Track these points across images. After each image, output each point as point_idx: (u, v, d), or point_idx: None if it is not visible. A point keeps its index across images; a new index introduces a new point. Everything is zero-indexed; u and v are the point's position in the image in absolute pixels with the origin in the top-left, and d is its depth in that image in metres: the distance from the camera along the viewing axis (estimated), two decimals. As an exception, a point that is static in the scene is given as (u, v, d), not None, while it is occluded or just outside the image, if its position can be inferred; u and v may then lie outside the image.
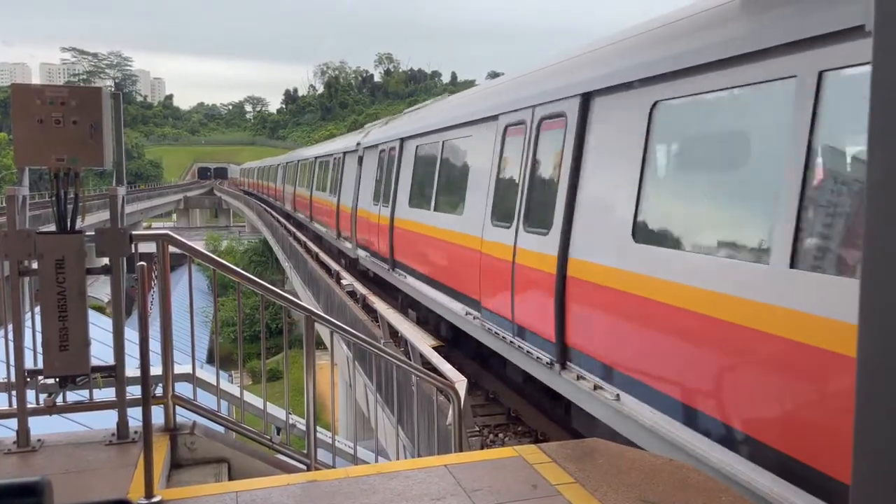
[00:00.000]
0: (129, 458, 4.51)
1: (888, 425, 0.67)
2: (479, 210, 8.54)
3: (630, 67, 5.66)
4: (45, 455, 4.55)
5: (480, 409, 9.66)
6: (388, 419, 8.11)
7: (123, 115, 5.20)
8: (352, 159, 17.45)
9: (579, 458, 4.37)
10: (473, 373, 10.14)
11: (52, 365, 4.60)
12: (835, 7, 3.71)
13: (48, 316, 4.55)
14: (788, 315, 3.81)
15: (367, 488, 3.95)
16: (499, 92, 9.01)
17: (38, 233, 4.59)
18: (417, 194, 11.52)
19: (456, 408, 6.02)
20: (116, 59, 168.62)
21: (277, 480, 4.21)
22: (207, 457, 4.97)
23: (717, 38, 4.65)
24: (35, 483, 1.24)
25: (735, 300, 4.22)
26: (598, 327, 5.91)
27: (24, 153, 4.62)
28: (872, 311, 0.69)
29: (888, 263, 0.66)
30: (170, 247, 5.05)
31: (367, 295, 13.66)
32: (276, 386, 23.88)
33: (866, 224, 0.71)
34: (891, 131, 0.68)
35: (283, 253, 32.04)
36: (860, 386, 0.71)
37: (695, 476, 4.08)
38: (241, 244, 60.32)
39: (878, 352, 0.67)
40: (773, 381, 3.94)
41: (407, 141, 12.56)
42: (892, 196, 0.66)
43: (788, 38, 3.98)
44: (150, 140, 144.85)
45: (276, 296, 5.43)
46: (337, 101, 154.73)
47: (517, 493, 3.90)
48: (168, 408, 4.94)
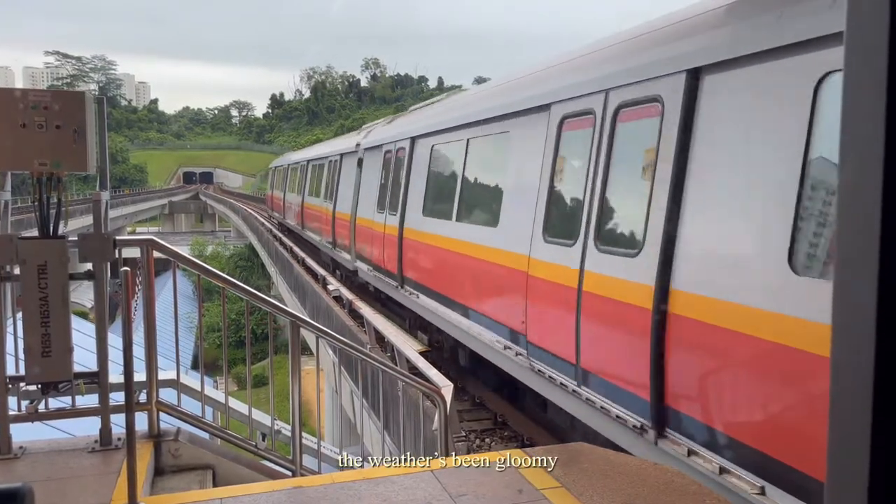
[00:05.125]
0: (112, 465, 4.47)
1: (861, 425, 0.68)
2: (522, 222, 7.04)
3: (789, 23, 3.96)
4: (27, 462, 4.50)
5: (467, 414, 9.66)
6: (375, 424, 8.09)
7: (108, 119, 5.17)
8: (350, 162, 16.24)
9: (565, 462, 4.38)
10: (460, 378, 10.14)
11: (34, 371, 4.56)
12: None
13: (30, 322, 4.51)
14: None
15: (352, 494, 3.94)
16: (548, 77, 7.28)
17: (21, 238, 4.56)
18: (434, 202, 10.01)
19: (442, 413, 6.02)
20: (101, 63, 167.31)
21: (263, 487, 4.19)
22: (192, 463, 4.93)
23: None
24: (17, 490, 1.24)
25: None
26: (718, 387, 4.39)
27: (7, 157, 4.58)
28: (845, 312, 0.71)
29: (859, 265, 0.68)
30: (154, 252, 5.03)
31: (354, 300, 13.64)
32: (261, 392, 23.74)
33: (838, 226, 0.73)
34: (862, 134, 0.70)
35: (269, 258, 31.95)
36: (834, 385, 0.73)
37: (679, 479, 4.11)
38: (227, 249, 60.02)
39: (851, 351, 0.69)
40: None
41: (419, 140, 11.04)
42: (861, 199, 0.68)
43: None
44: (135, 144, 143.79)
45: (262, 301, 5.41)
46: (324, 106, 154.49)
47: (503, 497, 3.91)
48: (152, 414, 4.90)
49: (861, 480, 0.67)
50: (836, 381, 0.72)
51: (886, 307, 0.67)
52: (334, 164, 18.08)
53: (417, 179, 10.90)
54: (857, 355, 0.68)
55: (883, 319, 0.67)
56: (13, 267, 4.60)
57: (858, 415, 0.68)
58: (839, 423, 0.71)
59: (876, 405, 0.67)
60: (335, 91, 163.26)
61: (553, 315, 6.37)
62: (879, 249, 0.67)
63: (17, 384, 4.67)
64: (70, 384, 4.68)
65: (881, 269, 0.67)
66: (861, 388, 0.67)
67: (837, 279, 0.73)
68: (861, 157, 0.70)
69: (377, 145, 13.67)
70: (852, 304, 0.70)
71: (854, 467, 0.68)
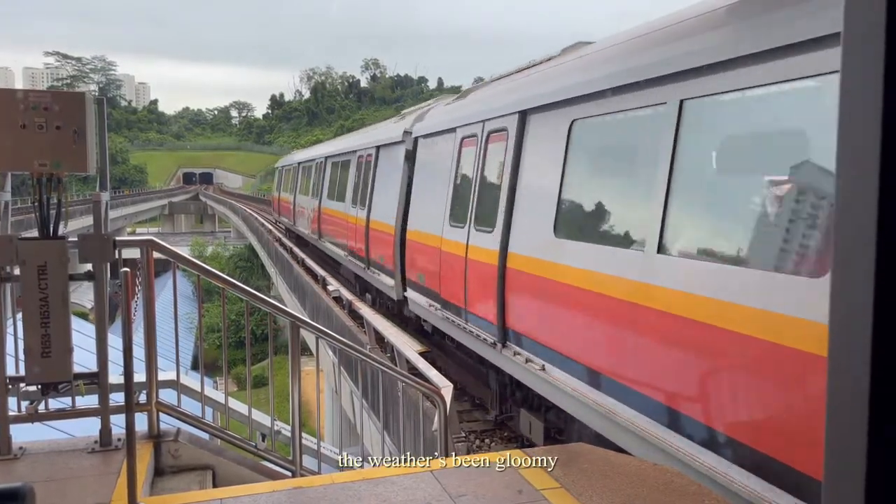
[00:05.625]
0: (112, 465, 4.48)
1: (858, 423, 0.69)
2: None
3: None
4: (27, 463, 4.50)
5: (466, 415, 9.67)
6: (374, 425, 8.09)
7: (108, 120, 5.18)
8: (391, 156, 12.67)
9: (564, 462, 4.39)
10: (459, 378, 10.15)
11: (34, 372, 4.56)
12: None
13: (30, 322, 4.51)
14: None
15: (352, 494, 3.95)
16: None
17: (21, 238, 4.56)
18: (585, 217, 6.22)
19: (442, 413, 6.03)
20: (100, 64, 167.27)
21: (262, 487, 4.19)
22: (192, 464, 4.94)
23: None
24: (17, 489, 1.24)
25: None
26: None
27: (7, 158, 4.58)
28: (841, 312, 0.71)
29: (856, 267, 0.69)
30: (154, 252, 5.03)
31: (353, 301, 13.64)
32: (261, 392, 23.74)
33: (837, 229, 0.73)
34: (859, 139, 0.70)
35: (269, 258, 31.95)
36: (831, 384, 0.73)
37: (679, 480, 4.11)
38: (227, 250, 60.05)
39: (848, 351, 0.70)
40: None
41: (536, 116, 7.19)
42: (860, 203, 0.69)
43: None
44: (135, 145, 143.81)
45: (262, 301, 5.42)
46: (323, 107, 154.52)
47: (503, 498, 3.91)
48: (152, 414, 4.90)
49: (858, 482, 0.67)
50: (833, 381, 0.72)
51: (883, 307, 0.67)
52: (367, 160, 14.38)
53: (540, 179, 7.01)
54: (854, 355, 0.69)
55: (879, 320, 0.67)
56: (13, 267, 4.60)
57: (857, 414, 0.68)
58: (836, 424, 0.72)
59: (872, 404, 0.67)
60: (335, 92, 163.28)
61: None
62: (876, 251, 0.67)
63: (17, 385, 4.68)
64: (70, 385, 4.68)
65: (877, 269, 0.67)
66: (858, 388, 0.68)
67: (835, 279, 0.73)
68: (857, 160, 0.70)
69: (444, 130, 10.04)
70: (849, 305, 0.71)
71: (851, 467, 0.68)
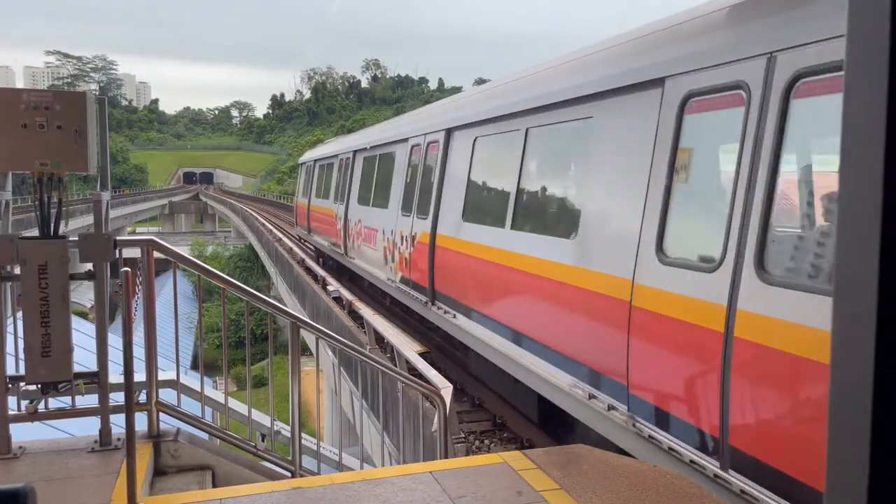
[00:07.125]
0: (111, 465, 4.48)
1: (861, 432, 0.69)
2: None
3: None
4: (26, 462, 4.50)
5: (466, 416, 9.65)
6: (374, 426, 8.09)
7: (108, 120, 5.18)
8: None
9: (564, 464, 4.38)
10: (459, 379, 10.14)
11: (35, 371, 4.56)
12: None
13: (30, 321, 4.51)
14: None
15: (352, 495, 3.94)
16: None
17: (21, 238, 4.56)
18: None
19: (441, 414, 6.02)
20: (101, 63, 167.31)
21: (262, 487, 4.19)
22: (191, 464, 4.94)
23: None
24: (19, 490, 1.24)
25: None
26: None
27: (7, 158, 4.58)
28: (844, 319, 0.71)
29: (858, 273, 0.69)
30: (154, 252, 5.03)
31: (353, 301, 13.64)
32: (260, 392, 23.76)
33: (839, 233, 0.73)
34: (862, 139, 0.70)
35: (269, 258, 31.93)
36: (833, 392, 0.73)
37: (679, 482, 4.11)
38: (227, 249, 60.04)
39: (850, 359, 0.70)
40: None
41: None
42: (862, 206, 0.68)
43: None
44: (136, 144, 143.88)
45: (262, 301, 5.42)
46: (324, 107, 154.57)
47: (502, 499, 3.91)
48: (152, 414, 4.90)
49: (860, 487, 0.67)
50: (835, 387, 0.72)
51: (886, 313, 0.67)
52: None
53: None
54: (857, 362, 0.69)
55: (883, 325, 0.67)
56: (13, 267, 4.60)
57: (859, 417, 0.68)
58: (838, 430, 0.72)
59: (875, 410, 0.67)
60: (336, 92, 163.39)
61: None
62: (879, 254, 0.67)
63: (17, 384, 4.68)
64: (70, 384, 4.68)
65: (881, 274, 0.67)
66: (860, 394, 0.68)
67: (838, 284, 0.73)
68: (861, 162, 0.70)
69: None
70: (851, 313, 0.70)
71: (854, 471, 0.68)
